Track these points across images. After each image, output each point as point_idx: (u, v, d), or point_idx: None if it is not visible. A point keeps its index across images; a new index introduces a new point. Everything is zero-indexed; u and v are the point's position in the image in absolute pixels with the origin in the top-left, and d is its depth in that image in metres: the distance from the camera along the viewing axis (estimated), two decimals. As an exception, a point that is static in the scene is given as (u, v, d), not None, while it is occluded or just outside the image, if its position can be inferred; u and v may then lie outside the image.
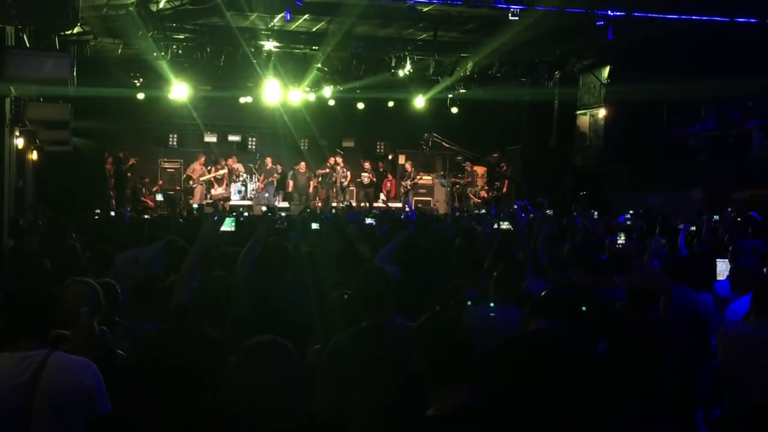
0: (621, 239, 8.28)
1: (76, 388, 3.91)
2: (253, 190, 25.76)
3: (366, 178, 26.97)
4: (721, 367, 5.63)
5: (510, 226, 10.16)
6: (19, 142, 16.20)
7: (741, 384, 5.32)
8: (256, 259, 6.28)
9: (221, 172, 25.56)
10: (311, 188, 26.74)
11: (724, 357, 5.53)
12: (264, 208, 21.44)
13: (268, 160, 26.42)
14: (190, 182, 25.23)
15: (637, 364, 4.89)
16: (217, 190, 25.37)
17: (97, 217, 17.36)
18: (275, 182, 26.17)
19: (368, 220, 13.63)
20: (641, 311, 5.57)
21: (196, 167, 25.44)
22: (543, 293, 4.96)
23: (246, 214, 18.28)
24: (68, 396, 3.89)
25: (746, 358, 5.30)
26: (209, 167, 25.76)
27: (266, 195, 25.80)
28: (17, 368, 3.87)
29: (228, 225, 7.91)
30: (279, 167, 26.48)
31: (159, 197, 23.65)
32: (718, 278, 7.44)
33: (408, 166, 27.57)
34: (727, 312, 6.34)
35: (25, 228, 10.90)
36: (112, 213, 18.47)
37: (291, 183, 26.73)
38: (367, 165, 27.16)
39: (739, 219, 11.70)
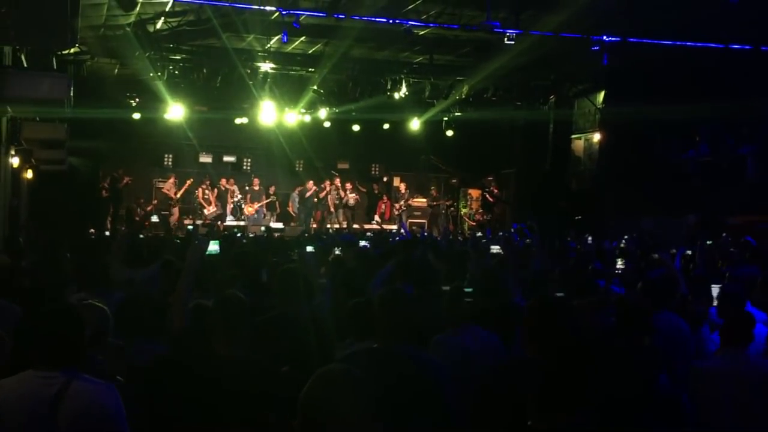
0: (619, 264, 8.29)
1: (97, 413, 3.90)
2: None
3: (352, 199, 26.97)
4: (693, 401, 5.54)
5: (500, 251, 10.15)
6: (15, 161, 16.20)
7: (714, 419, 5.29)
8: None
9: (185, 186, 25.38)
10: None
11: (696, 392, 5.47)
12: (263, 228, 21.45)
13: (256, 182, 26.41)
14: (169, 203, 25.08)
15: (627, 388, 4.86)
16: (210, 210, 25.32)
17: (92, 236, 17.34)
18: (265, 205, 26.14)
19: (362, 243, 13.61)
20: (633, 333, 5.53)
21: (170, 186, 25.33)
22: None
23: (239, 234, 18.26)
24: (89, 420, 3.87)
25: (718, 391, 5.27)
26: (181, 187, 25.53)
27: (264, 217, 25.81)
28: (41, 388, 3.86)
29: (213, 251, 7.88)
30: (272, 189, 26.48)
31: (154, 218, 23.62)
32: (715, 304, 7.44)
33: (402, 188, 27.61)
34: (708, 343, 6.34)
35: (22, 247, 10.89)
36: (107, 233, 18.44)
37: (296, 201, 26.64)
38: (349, 185, 27.16)
39: (735, 245, 11.72)
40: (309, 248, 11.50)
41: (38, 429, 3.81)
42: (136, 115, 23.63)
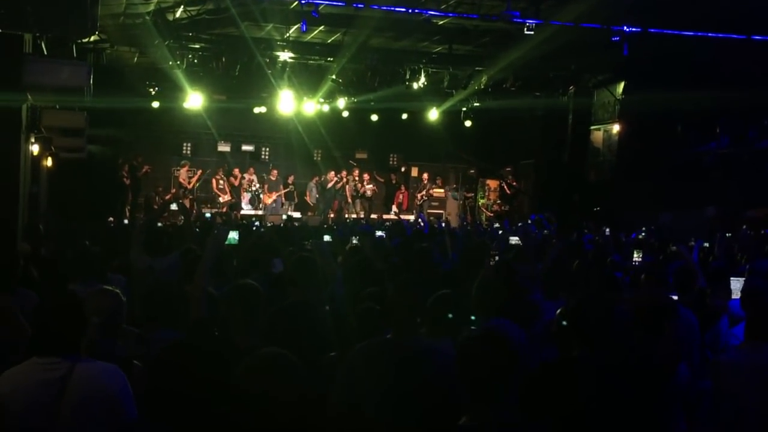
0: (636, 256, 8.24)
1: (102, 394, 3.94)
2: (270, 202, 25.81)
3: (369, 191, 26.96)
4: (713, 396, 5.49)
5: (519, 242, 10.13)
6: (35, 149, 16.27)
7: (735, 413, 5.24)
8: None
9: (197, 176, 25.53)
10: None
11: (718, 385, 5.42)
12: (284, 217, 21.51)
13: (274, 172, 26.43)
14: (182, 191, 25.16)
15: (646, 391, 4.83)
16: (225, 199, 25.37)
17: (111, 224, 17.41)
18: (283, 195, 26.18)
19: (378, 233, 13.63)
20: (650, 333, 5.48)
21: (184, 176, 25.48)
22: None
23: (257, 224, 18.32)
24: (95, 402, 3.91)
25: (740, 385, 5.21)
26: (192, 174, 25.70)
27: (282, 206, 25.85)
28: (46, 373, 3.90)
29: (232, 240, 7.91)
30: (291, 178, 26.51)
31: (173, 207, 23.68)
32: (734, 297, 7.39)
33: (424, 178, 27.60)
34: (729, 337, 6.28)
35: (43, 234, 10.94)
36: (125, 221, 18.51)
37: (313, 191, 26.71)
38: (366, 176, 27.17)
39: (754, 238, 11.65)
40: (326, 237, 11.54)
41: (46, 413, 3.84)
42: (155, 104, 23.67)
